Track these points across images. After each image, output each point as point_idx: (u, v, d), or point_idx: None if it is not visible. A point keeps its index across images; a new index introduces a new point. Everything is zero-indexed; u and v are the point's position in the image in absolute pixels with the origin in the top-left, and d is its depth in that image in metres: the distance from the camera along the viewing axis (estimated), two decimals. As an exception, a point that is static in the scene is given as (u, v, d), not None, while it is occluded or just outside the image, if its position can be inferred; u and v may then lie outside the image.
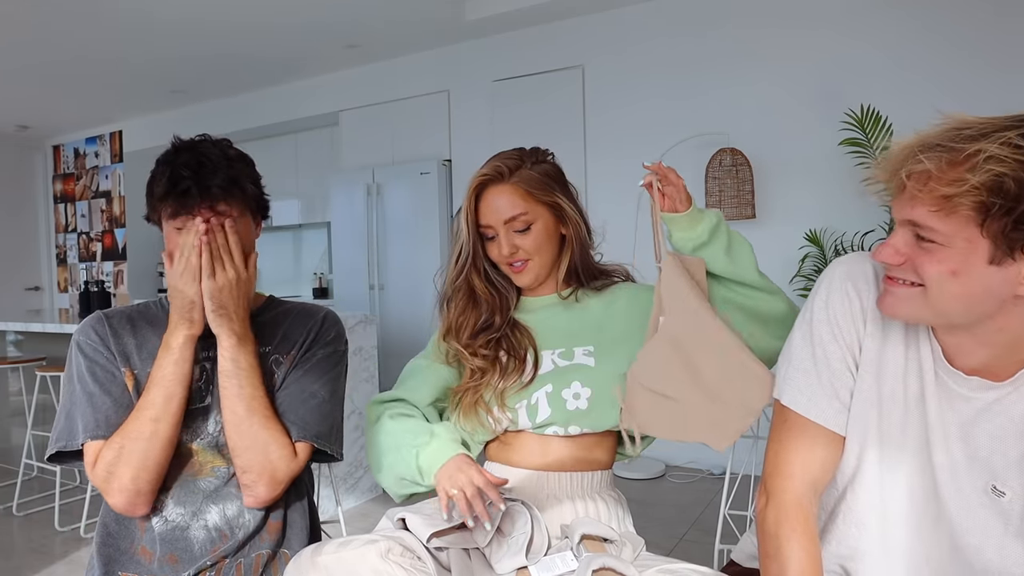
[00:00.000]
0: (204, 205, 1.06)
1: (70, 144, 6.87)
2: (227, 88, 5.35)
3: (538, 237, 1.17)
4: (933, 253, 0.75)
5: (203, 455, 1.12)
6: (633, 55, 3.80)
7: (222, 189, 1.07)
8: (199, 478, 1.11)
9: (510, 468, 1.14)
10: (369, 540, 0.99)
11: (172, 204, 1.06)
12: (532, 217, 1.16)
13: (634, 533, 1.17)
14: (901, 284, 0.80)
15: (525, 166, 1.18)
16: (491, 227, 1.18)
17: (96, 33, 4.10)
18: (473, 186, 1.18)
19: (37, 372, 3.21)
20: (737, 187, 3.38)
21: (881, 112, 2.95)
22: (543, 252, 1.18)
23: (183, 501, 1.10)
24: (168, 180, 1.06)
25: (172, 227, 1.08)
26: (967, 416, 0.83)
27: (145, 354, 1.13)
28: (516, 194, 1.16)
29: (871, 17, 3.20)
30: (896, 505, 0.88)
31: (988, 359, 0.81)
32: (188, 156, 1.07)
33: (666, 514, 2.85)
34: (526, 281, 1.20)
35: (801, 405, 0.90)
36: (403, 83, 4.67)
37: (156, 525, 1.10)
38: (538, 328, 1.19)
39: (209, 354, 1.14)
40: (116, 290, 6.46)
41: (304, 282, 5.94)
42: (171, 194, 1.05)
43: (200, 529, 1.10)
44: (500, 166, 1.17)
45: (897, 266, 0.79)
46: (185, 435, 1.11)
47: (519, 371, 1.14)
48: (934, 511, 0.86)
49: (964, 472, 0.84)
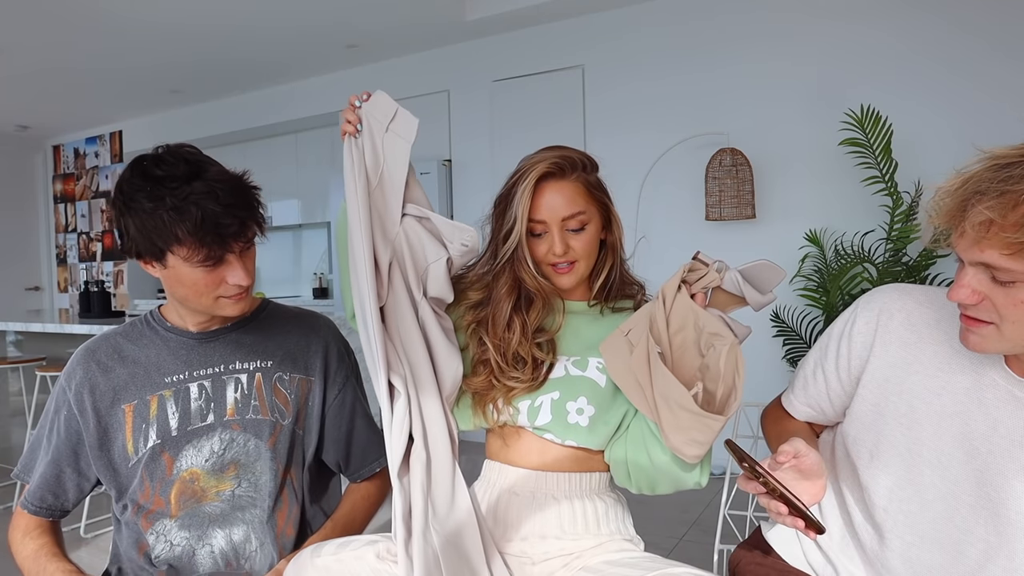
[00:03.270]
0: (241, 239, 1.01)
1: (70, 144, 6.87)
2: (227, 88, 5.35)
3: (590, 240, 1.12)
4: (1015, 291, 0.76)
5: (205, 480, 1.09)
6: (633, 55, 3.80)
7: (251, 216, 1.02)
8: (204, 503, 1.08)
9: (509, 467, 1.14)
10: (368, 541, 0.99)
11: (208, 247, 0.96)
12: (588, 217, 1.11)
13: (634, 533, 1.17)
14: (981, 323, 0.81)
15: (584, 165, 1.13)
16: (544, 223, 1.10)
17: (97, 36, 4.10)
18: (535, 177, 1.08)
19: (37, 372, 3.21)
20: (737, 187, 3.38)
21: (881, 112, 2.95)
22: (591, 256, 1.14)
23: (188, 525, 1.08)
24: (201, 219, 0.94)
25: (193, 266, 0.98)
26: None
27: (140, 379, 1.11)
28: (577, 192, 1.10)
29: (871, 17, 3.20)
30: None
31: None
32: (204, 187, 0.96)
33: (666, 514, 2.85)
34: (569, 282, 1.14)
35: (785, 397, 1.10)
36: (403, 83, 4.66)
37: (161, 551, 1.08)
38: (562, 333, 1.17)
39: (207, 371, 1.12)
40: (116, 290, 6.46)
41: (304, 282, 5.93)
42: (207, 233, 0.95)
43: (207, 556, 1.08)
44: (562, 161, 1.09)
45: (974, 305, 0.80)
46: (189, 459, 1.08)
47: (537, 380, 1.12)
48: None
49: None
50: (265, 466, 1.11)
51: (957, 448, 0.88)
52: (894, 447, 0.93)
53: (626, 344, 1.02)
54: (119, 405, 1.09)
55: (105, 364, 1.11)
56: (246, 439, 1.10)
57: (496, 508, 1.12)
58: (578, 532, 1.09)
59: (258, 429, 1.11)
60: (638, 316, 1.04)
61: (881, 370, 0.95)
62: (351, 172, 1.08)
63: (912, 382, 0.92)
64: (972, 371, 0.88)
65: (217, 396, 1.11)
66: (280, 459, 1.12)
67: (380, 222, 1.09)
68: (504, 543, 1.10)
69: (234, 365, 1.14)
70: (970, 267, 0.79)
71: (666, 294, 1.00)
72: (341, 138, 1.12)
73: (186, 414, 1.09)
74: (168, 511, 1.08)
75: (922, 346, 0.92)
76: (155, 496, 1.08)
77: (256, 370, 1.14)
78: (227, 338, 1.15)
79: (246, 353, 1.15)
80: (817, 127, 3.28)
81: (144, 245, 0.98)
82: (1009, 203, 0.72)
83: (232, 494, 1.09)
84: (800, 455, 0.87)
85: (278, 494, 1.12)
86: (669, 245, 3.70)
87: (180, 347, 1.13)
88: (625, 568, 1.01)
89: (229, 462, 1.09)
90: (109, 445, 1.09)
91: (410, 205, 1.11)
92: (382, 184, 1.10)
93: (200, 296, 1.03)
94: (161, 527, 1.08)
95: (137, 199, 0.96)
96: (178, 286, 1.03)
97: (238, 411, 1.11)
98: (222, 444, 1.09)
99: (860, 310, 0.98)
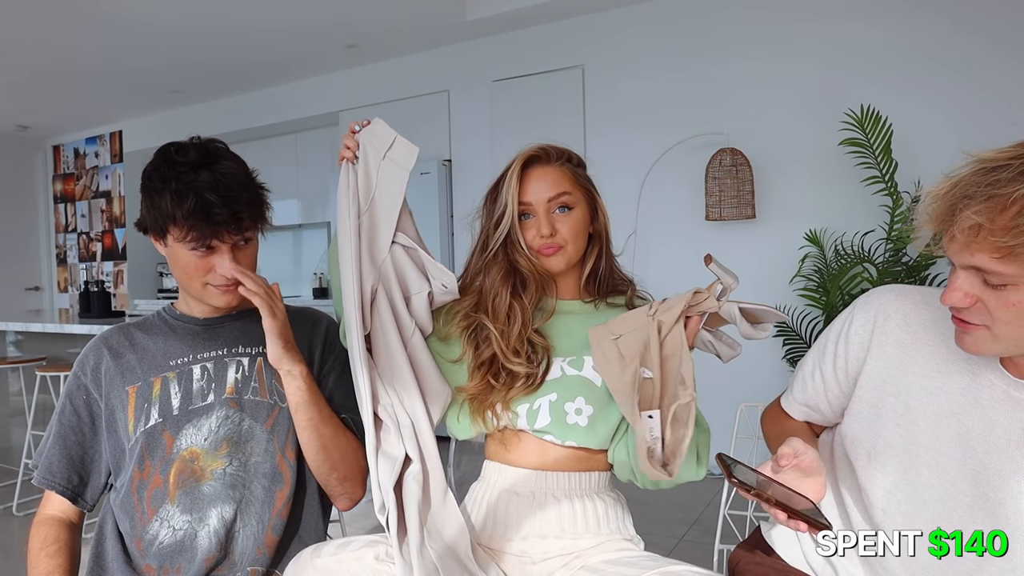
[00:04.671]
0: (232, 229, 1.06)
1: (70, 144, 6.88)
2: (227, 88, 5.35)
3: (576, 223, 1.16)
4: (1007, 294, 0.76)
5: (204, 459, 1.11)
6: (633, 55, 3.80)
7: (248, 212, 1.08)
8: (202, 483, 1.10)
9: (509, 467, 1.14)
10: (369, 542, 0.99)
11: (197, 231, 1.04)
12: (573, 200, 1.15)
13: (634, 533, 1.17)
14: (975, 325, 0.81)
15: (570, 157, 1.20)
16: (531, 204, 1.15)
17: (97, 37, 4.10)
18: (520, 161, 1.15)
19: (37, 372, 3.21)
20: (737, 187, 3.38)
21: (881, 112, 2.95)
22: (577, 241, 1.17)
23: (189, 508, 1.09)
24: (195, 205, 1.02)
25: (187, 248, 1.06)
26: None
27: (147, 363, 1.15)
28: (563, 175, 1.16)
29: (871, 17, 3.20)
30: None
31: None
32: (209, 176, 1.04)
33: (666, 514, 2.85)
34: (558, 265, 1.16)
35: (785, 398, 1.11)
36: (403, 83, 4.67)
37: (164, 537, 1.09)
38: (554, 332, 1.18)
39: (210, 354, 1.15)
40: (116, 290, 6.46)
41: (304, 282, 5.93)
42: (198, 219, 1.03)
43: (205, 537, 1.08)
44: (548, 148, 1.18)
45: (966, 308, 0.80)
46: (189, 437, 1.11)
47: (534, 382, 1.12)
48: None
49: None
50: (259, 447, 1.13)
51: (954, 448, 0.88)
52: (891, 448, 0.93)
53: (615, 351, 1.02)
54: (124, 387, 1.13)
55: (116, 350, 1.16)
56: (241, 418, 1.13)
57: (496, 508, 1.12)
58: (578, 532, 1.09)
59: (255, 410, 1.15)
60: (628, 321, 1.03)
61: (878, 371, 0.95)
62: (345, 198, 1.11)
63: (909, 383, 0.92)
64: (969, 372, 0.88)
65: (218, 376, 1.14)
66: (278, 441, 1.15)
67: (368, 247, 1.12)
68: (504, 543, 1.10)
69: (237, 349, 1.18)
70: (961, 271, 0.79)
71: (663, 321, 1.00)
72: (338, 163, 1.15)
73: (188, 394, 1.13)
74: (166, 492, 1.09)
75: (919, 347, 0.92)
76: (155, 474, 1.10)
77: (258, 355, 1.18)
78: (232, 325, 1.21)
79: (249, 340, 1.20)
80: (817, 127, 3.28)
81: (151, 221, 1.08)
82: (997, 207, 0.72)
83: (224, 472, 1.11)
84: (799, 454, 0.88)
85: (274, 475, 1.13)
86: (669, 245, 3.71)
87: (187, 333, 1.19)
88: (625, 567, 1.02)
89: (222, 439, 1.11)
90: (115, 425, 1.14)
91: (400, 234, 1.14)
92: (372, 209, 1.13)
93: (191, 279, 1.10)
94: (165, 512, 1.09)
95: (153, 179, 1.07)
96: (175, 266, 1.11)
97: (237, 390, 1.15)
98: (218, 422, 1.12)
99: (857, 311, 0.98)
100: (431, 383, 1.13)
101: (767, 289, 3.37)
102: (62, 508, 1.15)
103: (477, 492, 1.17)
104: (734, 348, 1.04)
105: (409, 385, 1.10)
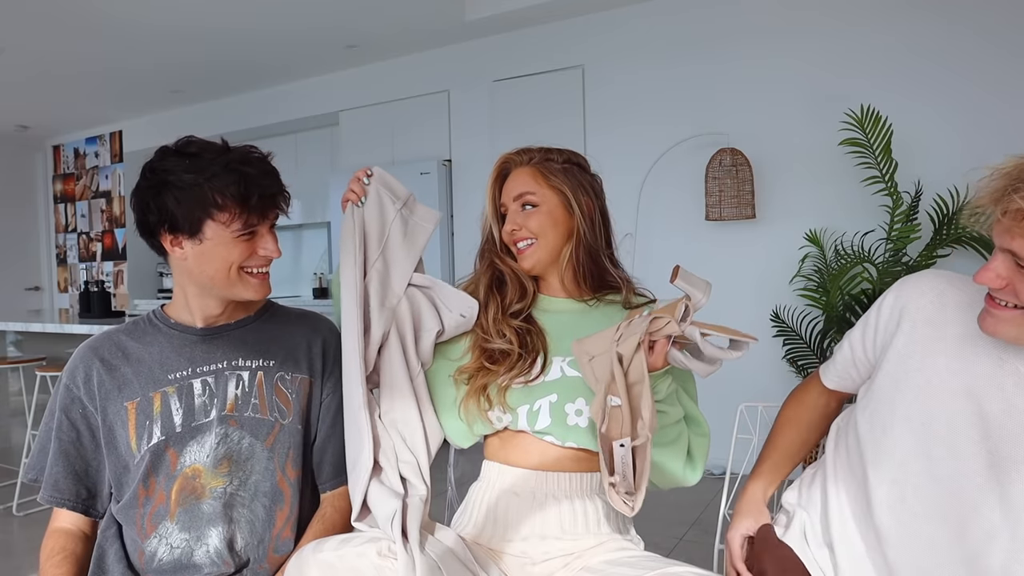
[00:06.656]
0: (279, 202, 1.09)
1: (70, 144, 6.88)
2: (227, 88, 5.35)
3: (542, 220, 1.19)
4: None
5: (205, 476, 1.08)
6: (633, 55, 3.80)
7: (280, 189, 1.09)
8: (201, 501, 1.08)
9: (509, 467, 1.14)
10: (371, 537, 0.99)
11: (248, 211, 1.04)
12: (539, 199, 1.20)
13: (634, 533, 1.17)
14: (1003, 307, 0.84)
15: (550, 156, 1.24)
16: (504, 205, 1.23)
17: (97, 37, 4.10)
18: (496, 167, 1.25)
19: (37, 372, 3.21)
20: (737, 187, 3.38)
21: (881, 112, 2.95)
22: (547, 236, 1.20)
23: (188, 526, 1.07)
24: (242, 184, 1.02)
25: (233, 235, 1.05)
26: None
27: (144, 376, 1.10)
28: (528, 175, 1.22)
29: (871, 18, 3.20)
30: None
31: None
32: (239, 155, 1.06)
33: (666, 514, 2.85)
34: (527, 264, 1.21)
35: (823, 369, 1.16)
36: (403, 83, 4.67)
37: (162, 554, 1.07)
38: (552, 331, 1.19)
39: (210, 367, 1.12)
40: (116, 290, 6.46)
41: (304, 282, 5.93)
42: (246, 197, 1.03)
43: (203, 556, 1.07)
44: (523, 151, 1.25)
45: (999, 289, 0.83)
46: (193, 454, 1.08)
47: (527, 371, 1.14)
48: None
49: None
50: (259, 465, 1.11)
51: (971, 428, 0.89)
52: (908, 421, 0.94)
53: (589, 372, 1.05)
54: (122, 402, 1.09)
55: (108, 361, 1.11)
56: (241, 436, 1.10)
57: (496, 508, 1.12)
58: (578, 532, 1.09)
59: (255, 428, 1.11)
60: (600, 342, 1.04)
61: (906, 345, 0.97)
62: (350, 239, 1.15)
63: (934, 359, 0.94)
64: (996, 357, 0.89)
65: (219, 391, 1.11)
66: (279, 459, 1.12)
67: (379, 289, 1.16)
68: (504, 544, 1.10)
69: (237, 362, 1.14)
70: (1000, 252, 0.82)
71: (623, 353, 1.00)
72: (342, 206, 1.20)
73: (190, 410, 1.09)
74: (168, 509, 1.07)
75: (948, 327, 0.94)
76: (159, 491, 1.08)
77: (258, 368, 1.14)
78: (231, 335, 1.16)
79: (249, 351, 1.15)
80: (817, 127, 3.28)
81: (183, 217, 1.03)
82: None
83: (224, 491, 1.08)
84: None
85: (274, 493, 1.11)
86: (669, 245, 3.72)
87: (184, 344, 1.13)
88: (625, 567, 1.02)
89: (223, 457, 1.08)
90: (115, 442, 1.10)
91: (415, 275, 1.20)
92: (386, 253, 1.18)
93: (228, 269, 1.07)
94: (164, 530, 1.07)
95: (175, 173, 1.02)
96: (208, 262, 1.06)
97: (237, 407, 1.11)
98: (217, 439, 1.09)
99: (895, 287, 1.02)
100: (430, 422, 1.16)
101: (767, 289, 3.37)
102: (72, 520, 1.13)
103: (477, 493, 1.17)
104: (712, 364, 0.98)
105: (414, 426, 1.13)
